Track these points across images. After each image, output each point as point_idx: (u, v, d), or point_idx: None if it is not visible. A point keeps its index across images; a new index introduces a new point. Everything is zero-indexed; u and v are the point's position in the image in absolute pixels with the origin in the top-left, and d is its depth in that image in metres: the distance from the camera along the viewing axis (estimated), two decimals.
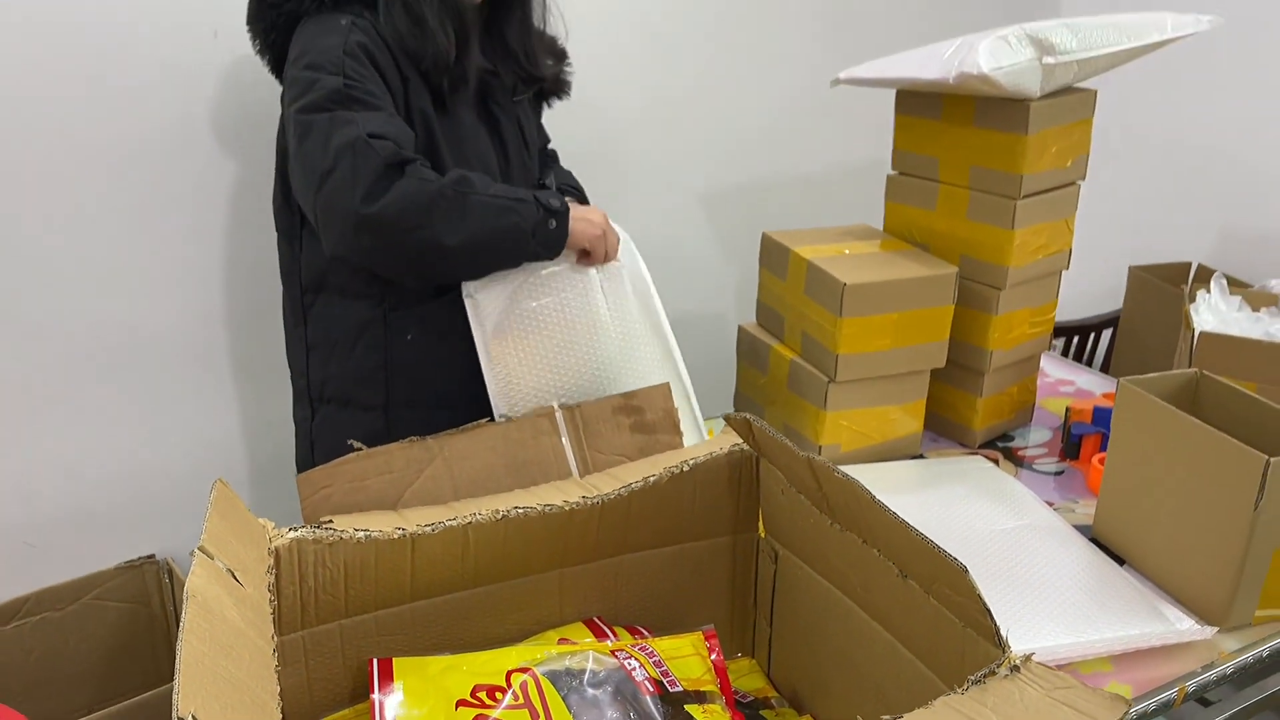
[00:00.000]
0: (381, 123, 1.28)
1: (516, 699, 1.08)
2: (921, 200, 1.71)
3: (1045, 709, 0.85)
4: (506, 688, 1.09)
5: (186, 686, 0.73)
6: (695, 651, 1.18)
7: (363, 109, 1.28)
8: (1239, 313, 1.74)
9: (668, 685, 1.12)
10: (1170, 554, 1.34)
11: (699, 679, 1.15)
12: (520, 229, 1.31)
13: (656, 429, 1.30)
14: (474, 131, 1.44)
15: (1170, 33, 1.59)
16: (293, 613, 1.09)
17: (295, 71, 1.31)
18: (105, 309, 1.73)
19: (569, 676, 1.12)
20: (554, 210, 1.34)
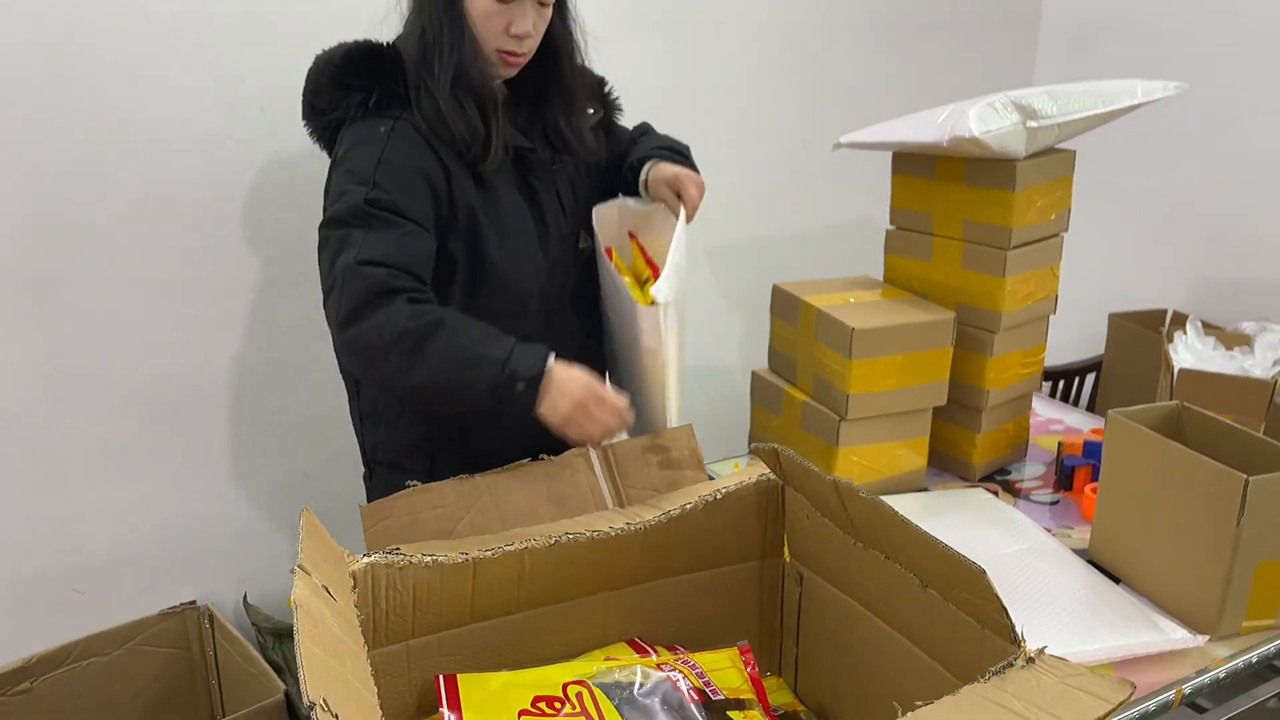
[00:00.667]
0: (385, 246, 1.30)
1: (574, 708, 1.18)
2: (919, 252, 1.85)
3: (1061, 693, 0.96)
4: (564, 699, 1.19)
5: (311, 679, 0.83)
6: (733, 664, 1.28)
7: (378, 226, 1.31)
8: (1214, 351, 1.88)
9: (710, 693, 1.22)
10: (1162, 571, 1.45)
11: (738, 688, 1.25)
12: (475, 388, 1.28)
13: (683, 465, 1.41)
14: (514, 207, 1.46)
15: (1141, 98, 1.74)
16: (366, 633, 1.18)
17: (335, 176, 1.38)
18: (152, 364, 1.83)
19: (620, 688, 1.22)
20: (522, 376, 1.27)
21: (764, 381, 1.92)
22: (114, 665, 1.89)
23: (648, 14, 2.18)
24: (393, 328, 1.27)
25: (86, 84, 1.66)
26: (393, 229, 1.33)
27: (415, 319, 1.27)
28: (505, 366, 1.26)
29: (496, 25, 1.37)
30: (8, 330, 1.69)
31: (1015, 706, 0.94)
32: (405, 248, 1.33)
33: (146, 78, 1.70)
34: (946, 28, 2.69)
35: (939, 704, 0.95)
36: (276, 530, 2.03)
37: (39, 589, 1.83)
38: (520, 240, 1.46)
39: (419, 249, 1.35)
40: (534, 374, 1.27)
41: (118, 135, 1.70)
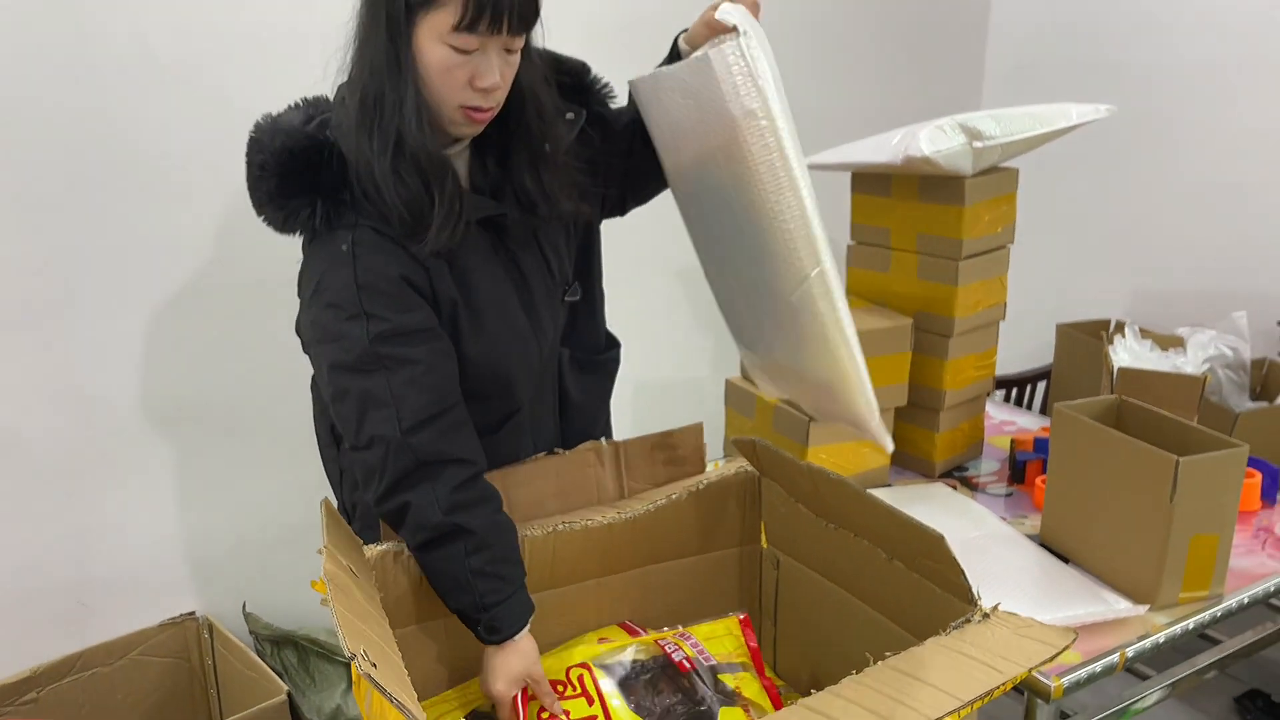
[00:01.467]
0: (418, 396, 1.21)
1: (575, 690, 1.29)
2: (878, 265, 1.99)
3: (1014, 642, 1.08)
4: (566, 681, 1.30)
5: (349, 635, 0.93)
6: (729, 633, 1.39)
7: (395, 367, 1.21)
8: (1151, 352, 2.03)
9: (702, 660, 1.32)
10: (1106, 549, 1.59)
11: (731, 653, 1.36)
12: (451, 603, 1.26)
13: (686, 462, 1.50)
14: (492, 285, 1.33)
15: (1075, 119, 1.90)
16: None
17: (316, 308, 1.25)
18: (153, 382, 1.92)
19: (619, 667, 1.32)
20: (494, 630, 1.24)
21: (737, 388, 2.04)
22: (116, 675, 1.95)
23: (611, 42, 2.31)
24: (426, 514, 1.21)
25: (93, 112, 1.75)
26: (412, 365, 1.22)
27: (449, 513, 1.21)
28: (482, 613, 1.23)
29: (458, 79, 1.19)
30: (14, 350, 1.77)
31: (973, 654, 1.06)
32: (437, 382, 1.24)
33: (151, 106, 1.80)
34: (900, 57, 2.86)
35: (905, 654, 1.06)
36: (274, 542, 2.11)
37: (46, 602, 1.90)
38: (501, 324, 1.34)
39: (442, 371, 1.25)
40: (499, 638, 1.24)
41: (124, 161, 1.79)
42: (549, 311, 1.41)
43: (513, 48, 1.22)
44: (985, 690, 0.99)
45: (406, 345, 1.22)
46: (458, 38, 1.16)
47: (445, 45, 1.17)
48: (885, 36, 2.82)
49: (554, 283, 1.41)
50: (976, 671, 1.02)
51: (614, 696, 1.29)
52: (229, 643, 1.97)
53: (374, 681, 0.87)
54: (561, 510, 1.42)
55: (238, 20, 1.84)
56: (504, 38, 1.19)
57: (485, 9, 1.14)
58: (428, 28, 1.17)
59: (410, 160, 1.20)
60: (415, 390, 1.21)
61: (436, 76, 1.19)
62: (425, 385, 1.22)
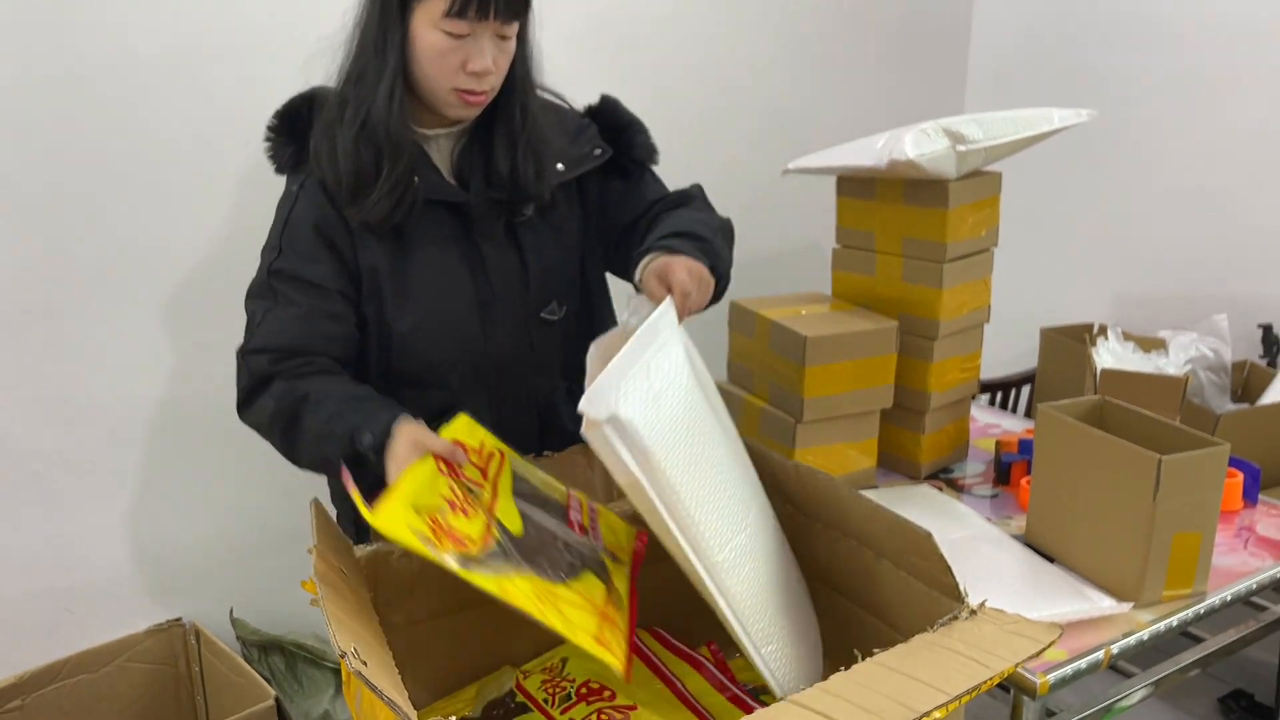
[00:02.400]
0: (276, 328, 1.29)
1: (479, 460, 1.23)
2: (863, 268, 2.01)
3: (1000, 638, 1.09)
4: (480, 452, 1.25)
5: (340, 633, 0.94)
6: (626, 538, 1.38)
7: (281, 302, 1.30)
8: (1133, 354, 2.05)
9: (591, 536, 1.31)
10: (1090, 547, 1.60)
11: (615, 546, 1.34)
12: (335, 462, 1.21)
13: None
14: (433, 268, 1.36)
15: (1057, 123, 1.92)
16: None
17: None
18: (140, 387, 1.91)
19: (525, 484, 1.29)
20: (363, 447, 1.20)
21: (724, 392, 2.04)
22: (102, 682, 1.94)
23: (601, 49, 2.33)
24: (266, 411, 1.29)
25: (82, 116, 1.75)
26: (293, 306, 1.30)
27: (283, 398, 1.27)
28: (351, 440, 1.21)
29: (451, 63, 1.26)
30: (6, 356, 1.76)
31: (960, 649, 1.07)
32: (294, 325, 1.30)
33: (140, 109, 1.80)
34: (884, 63, 2.88)
35: (892, 651, 1.07)
36: (261, 548, 2.10)
37: (32, 608, 1.89)
38: (436, 305, 1.37)
39: (312, 324, 1.31)
40: (375, 444, 1.19)
41: (112, 165, 1.79)
42: (511, 316, 1.41)
43: (506, 34, 1.28)
44: (973, 685, 1.00)
45: (294, 289, 1.31)
46: (449, 23, 1.23)
47: (438, 31, 1.24)
48: (868, 41, 2.84)
49: (526, 286, 1.42)
50: (964, 667, 1.03)
51: (506, 492, 1.24)
52: (216, 648, 1.97)
53: (364, 679, 0.87)
54: None
55: (227, 21, 1.84)
56: (495, 24, 1.25)
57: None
58: (423, 14, 1.24)
59: (370, 135, 1.28)
60: (280, 325, 1.30)
61: (432, 61, 1.26)
62: (291, 326, 1.30)
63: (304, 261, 1.31)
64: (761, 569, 1.21)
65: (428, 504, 1.10)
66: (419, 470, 1.14)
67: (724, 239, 1.42)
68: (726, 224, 1.47)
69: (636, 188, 1.50)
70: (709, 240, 1.35)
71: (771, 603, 1.20)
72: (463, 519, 1.12)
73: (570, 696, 1.30)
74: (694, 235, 1.34)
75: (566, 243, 1.46)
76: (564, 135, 1.44)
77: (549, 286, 1.45)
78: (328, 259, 1.32)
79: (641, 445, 1.03)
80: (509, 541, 1.15)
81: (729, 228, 1.47)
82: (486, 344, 1.40)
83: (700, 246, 1.33)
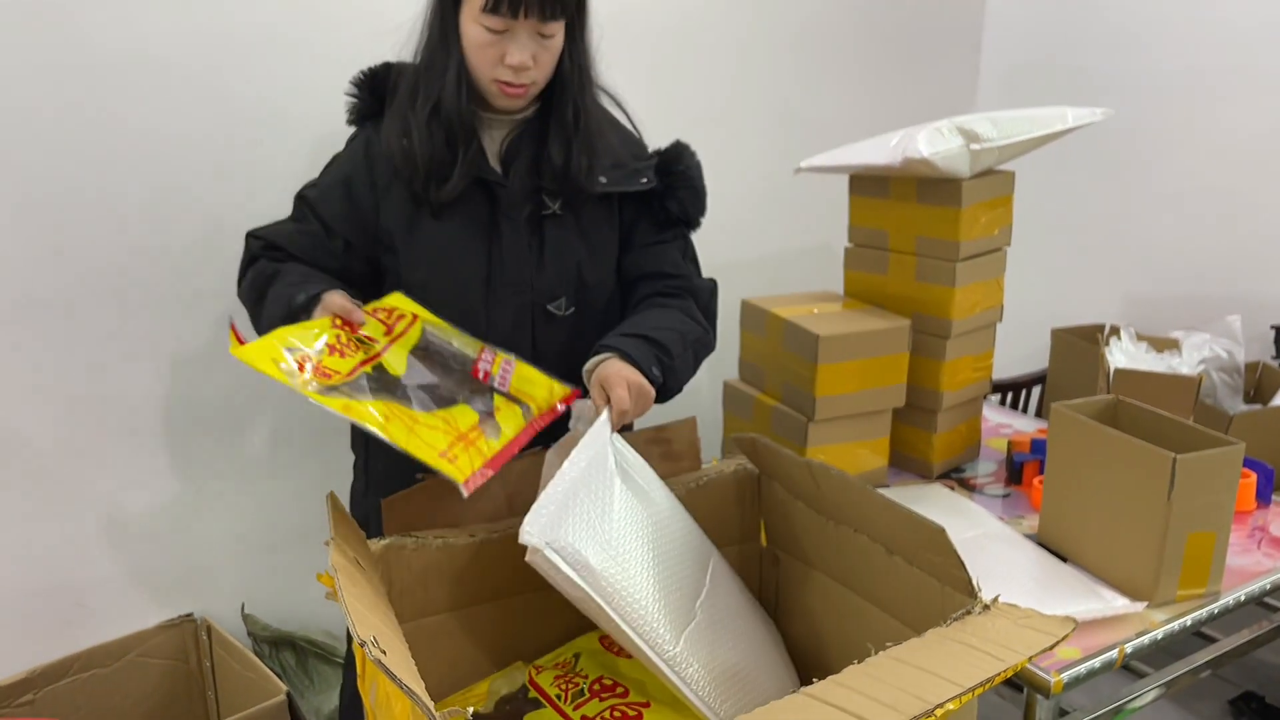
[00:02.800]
0: (281, 229, 1.49)
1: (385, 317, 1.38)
2: (876, 267, 2.01)
3: (1013, 632, 1.09)
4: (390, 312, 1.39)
5: (359, 622, 0.94)
6: (549, 391, 1.40)
7: (295, 217, 1.51)
8: (1146, 354, 2.04)
9: (496, 384, 1.36)
10: (1103, 546, 1.60)
11: (525, 395, 1.38)
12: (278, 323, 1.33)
13: (681, 458, 1.50)
14: (457, 238, 1.44)
15: (1071, 122, 1.92)
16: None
17: None
18: (153, 385, 1.92)
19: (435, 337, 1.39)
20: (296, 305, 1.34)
21: (735, 390, 2.05)
22: (114, 677, 1.94)
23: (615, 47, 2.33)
24: (247, 283, 1.45)
25: (97, 111, 1.76)
26: (299, 223, 1.49)
27: (259, 274, 1.44)
28: (290, 299, 1.35)
29: (491, 55, 1.35)
30: (16, 349, 1.77)
31: (974, 643, 1.07)
32: (298, 238, 1.47)
33: (154, 107, 1.80)
34: (896, 63, 2.88)
35: (905, 645, 1.07)
36: (272, 544, 2.11)
37: (45, 603, 1.89)
38: (443, 267, 1.44)
39: (305, 243, 1.47)
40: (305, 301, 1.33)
41: (129, 160, 1.80)
42: (515, 300, 1.46)
43: (546, 32, 1.35)
44: (986, 677, 1.00)
45: (309, 214, 1.48)
46: (487, 18, 1.32)
47: (478, 25, 1.34)
48: (880, 41, 2.84)
49: (538, 275, 1.46)
50: (977, 660, 1.03)
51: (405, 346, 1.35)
52: (227, 644, 1.97)
53: (384, 668, 0.88)
54: None
55: (242, 18, 1.85)
56: (532, 21, 1.33)
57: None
58: (468, 8, 1.35)
59: (443, 120, 1.38)
60: (284, 229, 1.49)
61: (474, 52, 1.37)
62: (292, 235, 1.47)
63: (323, 200, 1.48)
64: (719, 646, 1.23)
65: (302, 345, 1.25)
66: (309, 324, 1.30)
67: (693, 355, 1.45)
68: (704, 338, 1.49)
69: (661, 246, 1.53)
70: (672, 354, 1.38)
71: (734, 676, 1.22)
72: (337, 359, 1.26)
73: (583, 693, 1.30)
74: (658, 343, 1.37)
75: (591, 247, 1.49)
76: (622, 148, 1.50)
77: (561, 281, 1.47)
78: (342, 207, 1.46)
79: (582, 561, 1.09)
80: (380, 377, 1.28)
81: (705, 342, 1.49)
82: (488, 320, 1.46)
83: (657, 356, 1.36)
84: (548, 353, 1.47)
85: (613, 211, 1.51)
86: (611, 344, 1.36)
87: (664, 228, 1.53)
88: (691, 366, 1.46)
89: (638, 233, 1.53)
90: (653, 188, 1.49)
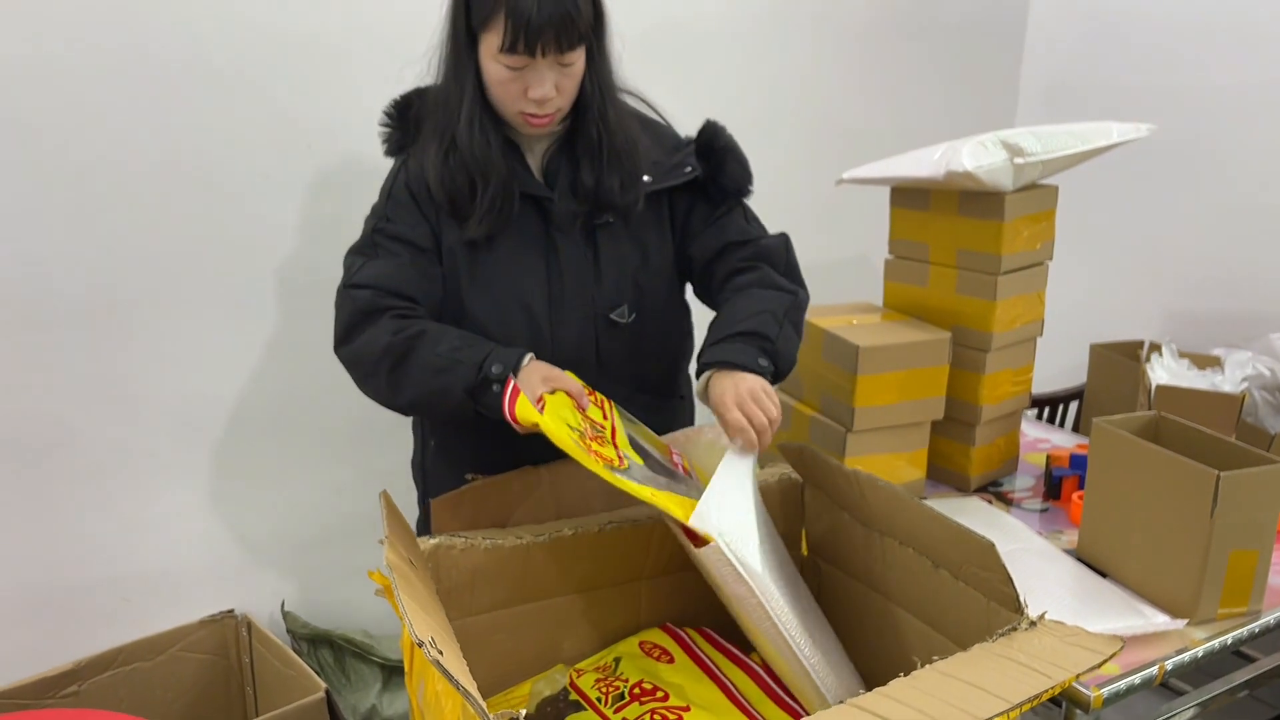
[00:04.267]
0: (376, 270, 1.38)
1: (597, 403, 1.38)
2: (916, 279, 2.01)
3: (1060, 649, 1.09)
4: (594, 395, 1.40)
5: (416, 621, 0.96)
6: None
7: (381, 254, 1.40)
8: (1188, 371, 2.03)
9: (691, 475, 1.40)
10: (1144, 563, 1.59)
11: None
12: (455, 393, 1.30)
13: None
14: (517, 259, 1.44)
15: (1115, 138, 1.92)
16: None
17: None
18: (198, 384, 1.95)
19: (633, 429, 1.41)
20: (492, 377, 1.28)
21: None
22: (156, 671, 1.97)
23: (655, 61, 2.34)
24: (378, 344, 1.34)
25: (146, 116, 1.79)
26: (393, 257, 1.40)
27: (397, 333, 1.33)
28: (480, 369, 1.29)
29: (514, 90, 1.34)
30: (67, 349, 1.81)
31: (1020, 659, 1.07)
32: (398, 271, 1.39)
33: (203, 112, 1.84)
34: (937, 76, 2.88)
35: (952, 659, 1.08)
36: (311, 542, 2.14)
37: (91, 596, 1.93)
38: (509, 292, 1.44)
39: (414, 273, 1.40)
40: (503, 374, 1.28)
41: (173, 165, 1.83)
42: (579, 314, 1.46)
43: (566, 62, 1.34)
44: (1034, 694, 1.01)
45: (398, 244, 1.40)
46: (506, 57, 1.32)
47: (498, 63, 1.33)
48: (922, 55, 2.84)
49: (598, 288, 1.46)
50: (1024, 676, 1.04)
51: (622, 432, 1.36)
52: (267, 640, 1.99)
53: (442, 668, 0.89)
54: (609, 506, 1.44)
55: (290, 31, 1.88)
56: (550, 56, 1.32)
57: (519, 36, 1.28)
58: (485, 46, 1.34)
59: (459, 159, 1.37)
60: (382, 269, 1.39)
61: (496, 88, 1.36)
62: (394, 271, 1.39)
63: (406, 225, 1.41)
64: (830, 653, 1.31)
65: (574, 424, 1.25)
66: (560, 399, 1.28)
67: (791, 325, 1.43)
68: (794, 301, 1.46)
69: (721, 220, 1.52)
70: (770, 337, 1.38)
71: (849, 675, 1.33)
72: (597, 444, 1.25)
73: (623, 696, 1.31)
74: (754, 334, 1.37)
75: (644, 251, 1.50)
76: (656, 148, 1.48)
77: (620, 289, 1.49)
78: (425, 228, 1.42)
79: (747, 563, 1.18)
80: (636, 468, 1.27)
81: (797, 304, 1.46)
82: (554, 338, 1.45)
83: (760, 346, 1.36)
84: (611, 361, 1.50)
85: (662, 209, 1.52)
86: (713, 357, 1.37)
87: (718, 204, 1.53)
88: (794, 336, 1.43)
89: (695, 218, 1.53)
90: (698, 175, 1.50)
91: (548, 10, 1.28)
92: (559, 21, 1.29)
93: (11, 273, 1.74)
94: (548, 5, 1.28)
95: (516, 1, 1.27)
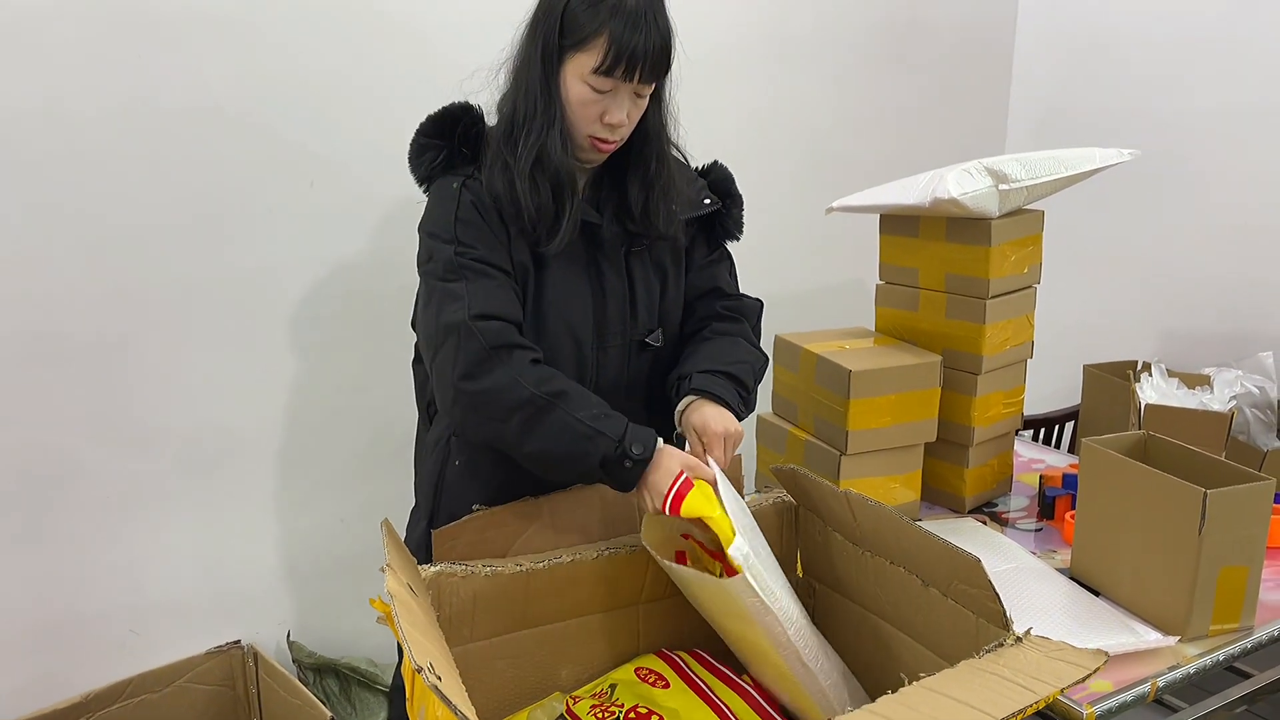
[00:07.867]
0: (489, 297, 1.36)
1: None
2: (906, 304, 2.05)
3: (1045, 664, 1.12)
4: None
5: (415, 648, 0.98)
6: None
7: (474, 278, 1.37)
8: (1177, 390, 2.06)
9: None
10: (1135, 581, 1.61)
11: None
12: (590, 460, 1.33)
13: None
14: (567, 284, 1.46)
15: (1098, 163, 1.95)
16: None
17: (421, 235, 1.45)
18: (204, 416, 1.98)
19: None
20: (633, 457, 1.32)
21: (769, 424, 2.09)
22: (164, 702, 2.00)
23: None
24: (518, 393, 1.32)
25: (158, 152, 1.84)
26: (489, 279, 1.38)
27: (540, 386, 1.33)
28: (620, 444, 1.32)
29: (591, 112, 1.38)
30: (76, 382, 1.84)
31: (1006, 675, 1.10)
32: (507, 299, 1.39)
33: (212, 148, 1.88)
34: (926, 103, 2.93)
35: (939, 675, 1.10)
36: (318, 573, 2.16)
37: (99, 629, 1.95)
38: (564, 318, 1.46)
39: (515, 298, 1.41)
40: (643, 455, 1.33)
41: (181, 202, 1.87)
42: (619, 340, 1.51)
43: (642, 93, 1.41)
44: (1019, 708, 1.03)
45: (486, 266, 1.39)
46: (596, 79, 1.36)
47: (585, 84, 1.37)
48: (911, 83, 2.89)
49: (635, 312, 1.52)
50: (1010, 691, 1.06)
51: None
52: (273, 670, 2.02)
53: (440, 694, 0.92)
54: (605, 536, 1.47)
55: (293, 65, 1.93)
56: (635, 84, 1.37)
57: (622, 57, 1.33)
58: (574, 65, 1.37)
59: (548, 173, 1.39)
60: (486, 293, 1.37)
61: (574, 108, 1.39)
62: (496, 294, 1.38)
63: (486, 248, 1.40)
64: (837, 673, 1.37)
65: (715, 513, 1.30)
66: (705, 488, 1.33)
67: (756, 380, 1.56)
68: (762, 362, 1.59)
69: (713, 264, 1.61)
70: (748, 388, 1.52)
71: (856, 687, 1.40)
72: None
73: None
74: (738, 379, 1.50)
75: (665, 278, 1.56)
76: (680, 178, 1.54)
77: (650, 314, 1.55)
78: (502, 250, 1.41)
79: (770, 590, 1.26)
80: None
81: (763, 365, 1.60)
82: (598, 364, 1.51)
83: (739, 392, 1.49)
84: (638, 382, 1.56)
85: (679, 238, 1.56)
86: (701, 386, 1.47)
87: (713, 246, 1.62)
88: (756, 391, 1.56)
89: (695, 253, 1.60)
90: (718, 207, 1.57)
91: (653, 40, 1.34)
92: (658, 52, 1.36)
93: (23, 308, 1.77)
94: (654, 35, 1.34)
95: (623, 27, 1.32)
